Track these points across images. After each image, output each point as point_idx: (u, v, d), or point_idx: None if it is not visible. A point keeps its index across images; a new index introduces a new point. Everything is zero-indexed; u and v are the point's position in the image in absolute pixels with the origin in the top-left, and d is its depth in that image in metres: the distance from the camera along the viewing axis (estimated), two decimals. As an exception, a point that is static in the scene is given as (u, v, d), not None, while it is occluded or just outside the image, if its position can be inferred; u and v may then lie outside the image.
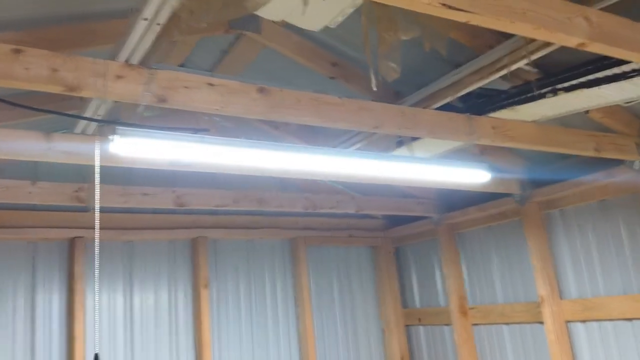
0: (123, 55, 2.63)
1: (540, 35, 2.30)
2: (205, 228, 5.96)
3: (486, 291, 5.94)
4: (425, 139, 3.64)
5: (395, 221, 6.90)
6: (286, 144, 3.27)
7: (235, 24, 3.94)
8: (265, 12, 2.45)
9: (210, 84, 2.79)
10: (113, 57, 2.67)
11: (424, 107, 3.54)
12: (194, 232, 5.90)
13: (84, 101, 3.20)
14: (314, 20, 2.57)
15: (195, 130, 2.83)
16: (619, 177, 4.54)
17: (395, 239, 7.09)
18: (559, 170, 5.08)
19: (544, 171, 5.17)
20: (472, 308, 6.04)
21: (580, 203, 5.00)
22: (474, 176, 3.75)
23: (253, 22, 3.99)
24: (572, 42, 2.37)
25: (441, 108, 3.57)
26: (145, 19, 2.31)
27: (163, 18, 2.31)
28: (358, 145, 3.89)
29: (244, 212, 6.09)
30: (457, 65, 3.84)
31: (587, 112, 3.65)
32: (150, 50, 2.60)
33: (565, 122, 4.35)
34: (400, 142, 3.83)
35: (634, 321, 4.51)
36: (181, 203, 5.00)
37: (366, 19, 2.45)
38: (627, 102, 3.60)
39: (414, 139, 3.73)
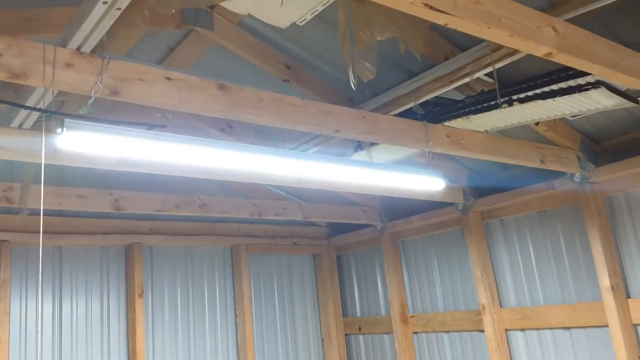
0: (75, 42, 2.41)
1: (513, 43, 2.32)
2: (141, 234, 5.66)
3: (427, 299, 6.00)
4: (383, 145, 3.61)
5: (339, 229, 6.86)
6: (252, 145, 3.13)
7: (188, 19, 3.77)
8: (233, 4, 2.32)
9: (168, 78, 2.62)
10: (63, 44, 2.44)
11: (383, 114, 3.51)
12: (129, 238, 5.60)
13: (22, 92, 2.93)
14: (281, 16, 2.47)
15: (151, 126, 2.65)
16: (559, 188, 4.71)
17: (338, 247, 7.05)
18: (501, 180, 5.21)
19: (487, 181, 5.29)
20: (413, 316, 6.07)
21: (520, 213, 5.15)
22: (429, 184, 3.75)
23: (206, 18, 3.83)
24: (541, 51, 2.40)
25: (398, 115, 3.55)
26: (105, 2, 2.12)
27: (125, 2, 2.14)
28: (314, 150, 3.80)
29: (183, 218, 5.84)
30: (412, 74, 3.86)
31: (537, 124, 3.74)
32: (105, 38, 2.40)
33: (509, 134, 4.48)
34: (359, 146, 3.78)
35: (572, 330, 4.67)
36: (119, 207, 4.71)
37: (344, 16, 2.38)
38: (574, 116, 3.74)
39: (372, 144, 3.70)
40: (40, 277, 2.89)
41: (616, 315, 4.27)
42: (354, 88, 2.77)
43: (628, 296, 4.32)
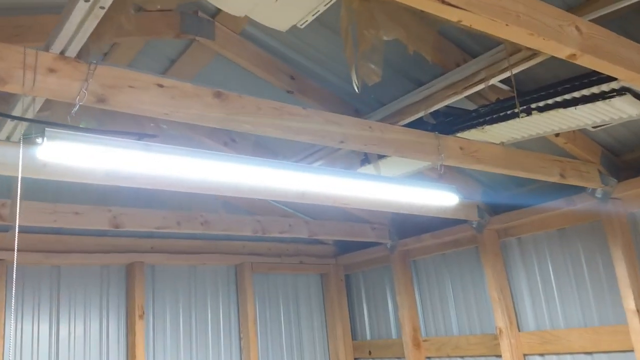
0: (57, 46, 2.24)
1: (533, 43, 2.11)
2: (142, 252, 5.48)
3: (441, 322, 5.72)
4: (392, 158, 3.40)
5: (347, 247, 6.62)
6: (248, 157, 2.93)
7: (188, 28, 3.62)
8: (229, 5, 2.14)
9: (160, 85, 2.44)
10: (46, 48, 2.27)
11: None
12: (130, 257, 5.41)
13: (11, 101, 2.77)
14: (280, 18, 2.28)
15: (141, 136, 2.46)
16: (580, 205, 4.46)
17: (347, 266, 6.80)
18: (517, 197, 4.97)
19: (502, 198, 5.05)
20: (425, 340, 5.79)
21: (539, 231, 4.89)
22: (442, 199, 3.53)
23: (206, 27, 3.68)
24: (564, 52, 2.19)
25: (408, 126, 3.34)
26: (87, 1, 1.94)
27: (108, 1, 1.96)
28: (319, 163, 3.60)
29: (185, 236, 5.64)
30: (420, 83, 3.66)
31: (557, 135, 3.51)
32: (91, 41, 2.22)
33: (526, 146, 4.25)
34: (365, 160, 3.57)
35: (594, 355, 4.39)
36: (117, 224, 4.52)
37: (346, 13, 2.19)
38: (596, 127, 3.51)
39: (380, 157, 3.49)
40: (12, 295, 2.69)
41: (642, 340, 4.00)
42: (357, 90, 2.56)
43: (655, 319, 4.03)
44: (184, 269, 5.84)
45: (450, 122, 3.45)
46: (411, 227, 5.80)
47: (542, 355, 4.75)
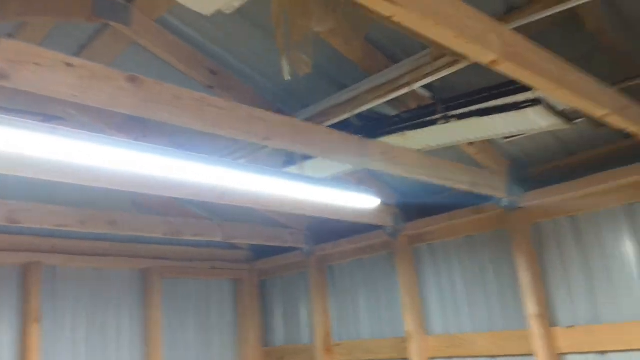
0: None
1: (458, 45, 2.14)
2: (40, 252, 5.08)
3: (353, 327, 5.74)
4: (315, 160, 3.36)
5: (262, 252, 6.51)
6: (166, 147, 2.76)
7: (100, 11, 3.39)
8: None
9: (69, 64, 2.24)
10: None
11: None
12: (27, 257, 5.00)
13: None
14: (205, 0, 2.17)
15: (46, 118, 2.24)
16: (487, 212, 4.64)
17: (262, 271, 6.68)
18: (430, 204, 5.09)
19: (415, 204, 5.16)
20: (337, 345, 5.79)
21: (448, 238, 5.04)
22: (365, 201, 3.53)
23: (122, 12, 3.46)
24: (487, 57, 2.24)
25: (333, 127, 3.32)
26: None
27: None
28: (241, 162, 3.49)
29: (90, 236, 5.29)
30: (344, 86, 3.66)
31: (471, 144, 3.62)
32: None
33: (439, 155, 4.36)
34: (289, 161, 3.50)
35: (498, 358, 4.55)
36: (15, 219, 4.16)
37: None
38: (508, 138, 3.66)
39: (306, 158, 3.44)
40: None
41: (541, 344, 4.20)
42: (288, 78, 2.49)
43: (553, 325, 4.25)
44: (88, 272, 5.48)
45: (374, 126, 3.47)
46: (328, 232, 5.80)
47: (448, 358, 4.87)
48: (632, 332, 3.80)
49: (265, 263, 6.53)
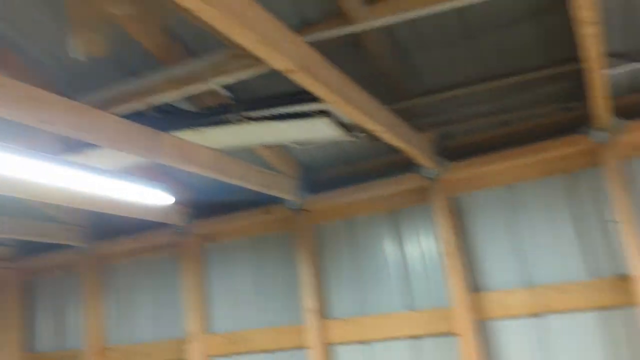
0: None
1: (259, 50, 2.22)
2: None
3: (130, 330, 5.49)
4: (102, 149, 3.14)
5: (31, 249, 5.86)
6: None
7: None
8: None
9: None
10: None
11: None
12: None
13: None
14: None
15: None
16: (275, 214, 4.86)
17: (29, 270, 6.01)
18: (221, 203, 5.13)
19: (207, 202, 5.15)
20: (111, 348, 5.48)
21: (237, 237, 5.14)
22: (156, 198, 3.40)
23: None
24: (284, 65, 2.36)
25: (126, 118, 3.15)
26: None
27: None
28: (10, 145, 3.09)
29: None
30: (135, 74, 3.50)
31: (267, 147, 3.75)
32: None
33: (236, 156, 4.45)
34: (71, 147, 3.21)
35: (276, 353, 4.77)
36: None
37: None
38: (301, 143, 3.88)
39: (89, 145, 3.18)
40: None
41: (315, 336, 4.52)
42: (78, 58, 2.30)
43: (327, 318, 4.59)
44: None
45: (171, 120, 3.39)
46: (109, 229, 5.48)
47: (227, 356, 4.96)
48: (390, 323, 4.31)
49: (33, 261, 5.90)
